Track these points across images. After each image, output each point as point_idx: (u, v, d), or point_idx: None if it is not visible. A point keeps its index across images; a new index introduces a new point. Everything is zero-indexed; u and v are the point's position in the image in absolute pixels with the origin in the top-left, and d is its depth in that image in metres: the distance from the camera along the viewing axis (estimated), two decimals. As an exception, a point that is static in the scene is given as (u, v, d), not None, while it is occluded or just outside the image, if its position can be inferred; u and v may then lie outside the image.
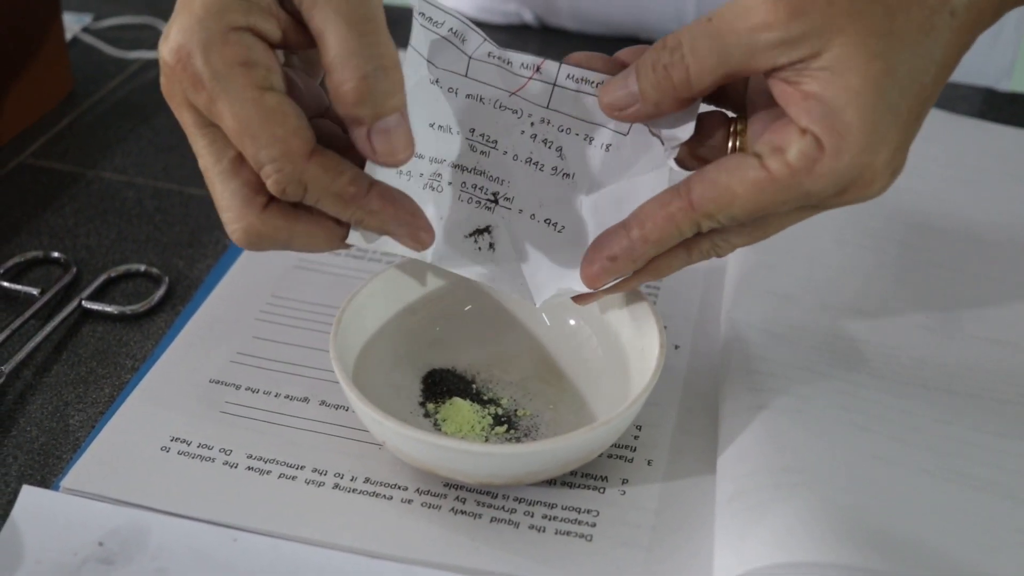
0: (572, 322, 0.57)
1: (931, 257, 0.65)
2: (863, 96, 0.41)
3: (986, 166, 0.75)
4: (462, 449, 0.47)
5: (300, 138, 0.43)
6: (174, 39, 0.43)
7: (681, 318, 0.62)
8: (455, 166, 0.51)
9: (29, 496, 0.50)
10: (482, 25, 0.97)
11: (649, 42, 0.46)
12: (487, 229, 0.52)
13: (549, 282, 0.51)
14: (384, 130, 0.44)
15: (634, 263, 0.47)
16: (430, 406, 0.54)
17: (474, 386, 0.56)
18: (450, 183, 0.51)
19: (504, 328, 0.58)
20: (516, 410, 0.55)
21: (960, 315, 0.61)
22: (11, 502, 0.50)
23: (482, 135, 0.51)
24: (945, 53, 0.43)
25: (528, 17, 0.96)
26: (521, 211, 0.52)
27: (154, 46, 0.92)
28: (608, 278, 0.48)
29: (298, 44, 0.45)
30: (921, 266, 0.64)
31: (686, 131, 0.47)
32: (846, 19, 0.41)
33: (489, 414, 0.54)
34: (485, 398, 0.55)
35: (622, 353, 0.54)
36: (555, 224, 0.51)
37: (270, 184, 0.44)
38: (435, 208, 0.51)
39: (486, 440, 0.53)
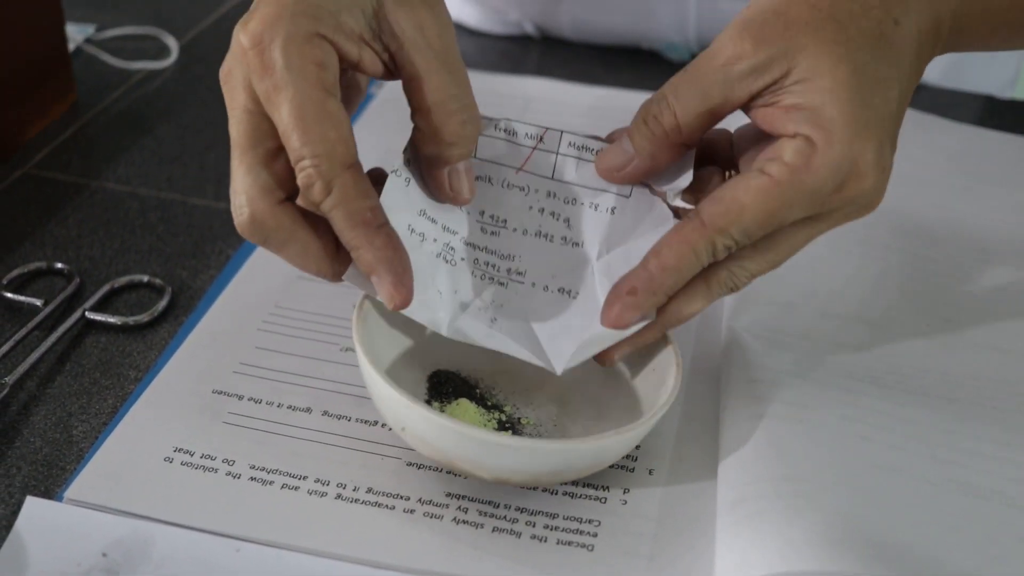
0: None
1: (932, 265, 0.65)
2: (836, 92, 0.45)
3: (987, 174, 0.76)
4: (493, 441, 0.47)
5: (346, 147, 0.45)
6: (256, 25, 0.45)
7: (682, 327, 0.62)
8: (467, 243, 0.53)
9: (33, 507, 0.50)
10: (484, 35, 0.97)
11: (650, 52, 0.48)
12: (501, 303, 0.53)
13: (567, 346, 0.52)
14: (459, 171, 0.50)
15: (654, 295, 0.48)
16: (435, 404, 0.54)
17: (478, 391, 0.56)
18: (463, 258, 0.53)
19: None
20: (520, 419, 0.55)
21: (962, 323, 0.61)
22: (15, 513, 0.50)
23: (491, 216, 0.53)
24: (900, 57, 0.46)
25: (529, 27, 0.96)
26: (534, 284, 0.53)
27: (156, 57, 0.92)
28: (630, 316, 0.49)
29: (373, 73, 0.48)
30: (922, 274, 0.64)
31: (685, 179, 0.49)
32: (805, 37, 0.45)
33: (494, 419, 0.54)
34: (489, 403, 0.55)
35: (629, 370, 0.54)
36: (568, 291, 0.52)
37: (301, 177, 0.45)
38: (449, 282, 0.52)
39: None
